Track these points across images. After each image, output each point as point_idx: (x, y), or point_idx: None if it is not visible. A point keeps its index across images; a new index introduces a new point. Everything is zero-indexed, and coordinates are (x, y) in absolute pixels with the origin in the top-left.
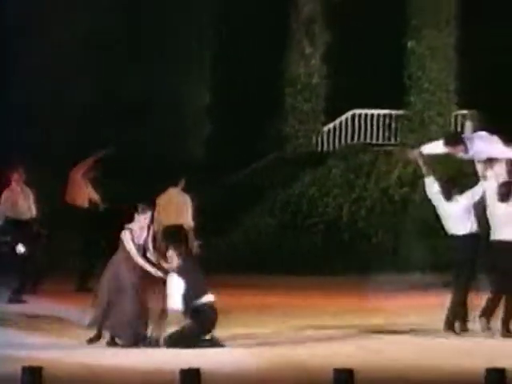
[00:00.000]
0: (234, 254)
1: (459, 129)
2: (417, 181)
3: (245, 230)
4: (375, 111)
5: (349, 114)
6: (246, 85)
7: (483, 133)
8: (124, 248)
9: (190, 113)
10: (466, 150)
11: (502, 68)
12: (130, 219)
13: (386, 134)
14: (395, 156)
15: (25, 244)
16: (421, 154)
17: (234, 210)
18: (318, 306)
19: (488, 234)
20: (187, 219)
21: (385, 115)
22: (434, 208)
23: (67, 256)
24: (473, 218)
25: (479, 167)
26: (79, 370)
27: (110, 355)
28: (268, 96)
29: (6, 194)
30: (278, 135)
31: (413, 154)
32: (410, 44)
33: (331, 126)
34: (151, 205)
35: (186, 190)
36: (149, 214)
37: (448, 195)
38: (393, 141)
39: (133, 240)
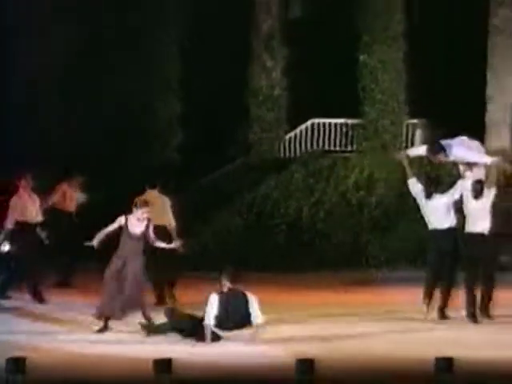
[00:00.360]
0: (204, 253)
1: (410, 137)
2: (372, 185)
3: (214, 230)
4: (333, 120)
5: (308, 122)
6: (214, 96)
7: (464, 138)
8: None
9: (162, 121)
10: (446, 155)
11: (449, 79)
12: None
13: (343, 141)
14: (352, 162)
15: (33, 246)
16: (407, 156)
17: (204, 212)
18: (285, 301)
19: (463, 228)
20: (169, 219)
21: (342, 124)
22: (387, 210)
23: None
24: (452, 214)
25: (461, 168)
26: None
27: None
28: (234, 106)
29: (15, 200)
30: (244, 142)
31: (400, 155)
32: (362, 58)
33: (292, 134)
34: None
35: (163, 192)
36: (146, 209)
37: (429, 194)
38: (349, 148)
39: (126, 226)
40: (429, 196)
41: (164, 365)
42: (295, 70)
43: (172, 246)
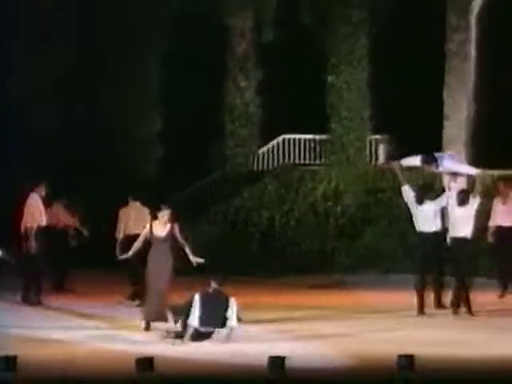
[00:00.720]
0: (184, 259)
1: (373, 151)
2: (338, 195)
3: (192, 237)
4: (302, 136)
5: (280, 138)
6: (192, 113)
7: (452, 153)
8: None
9: (143, 137)
10: (437, 166)
11: (409, 98)
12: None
13: (312, 155)
14: (320, 174)
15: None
16: (400, 166)
17: (182, 221)
18: (258, 303)
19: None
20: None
21: (310, 139)
22: (352, 219)
23: None
24: (439, 219)
25: (445, 179)
26: None
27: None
28: (211, 122)
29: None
30: (220, 156)
31: (394, 164)
32: (329, 79)
33: (265, 148)
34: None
35: (144, 203)
36: (167, 212)
37: (420, 200)
38: (317, 161)
39: (151, 231)
40: (420, 202)
41: (146, 363)
42: (267, 90)
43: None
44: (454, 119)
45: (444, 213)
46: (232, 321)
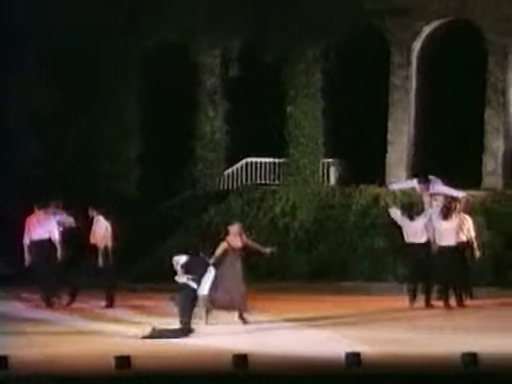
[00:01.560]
0: (159, 268)
1: (325, 173)
2: (295, 212)
3: (168, 249)
4: (263, 159)
5: (244, 161)
6: (166, 139)
7: (437, 178)
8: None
9: (124, 160)
10: (428, 189)
11: (358, 126)
12: None
13: (272, 176)
14: (279, 193)
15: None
16: (389, 189)
17: (158, 234)
18: None
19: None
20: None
21: (271, 163)
22: (308, 232)
23: None
24: (425, 231)
25: (427, 199)
26: None
27: None
28: (183, 147)
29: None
30: (191, 177)
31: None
32: (288, 109)
33: (230, 170)
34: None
35: (107, 218)
36: (238, 225)
37: (410, 216)
38: (277, 182)
39: (229, 243)
40: (412, 218)
41: (124, 361)
42: (233, 119)
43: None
44: (397, 145)
45: (429, 226)
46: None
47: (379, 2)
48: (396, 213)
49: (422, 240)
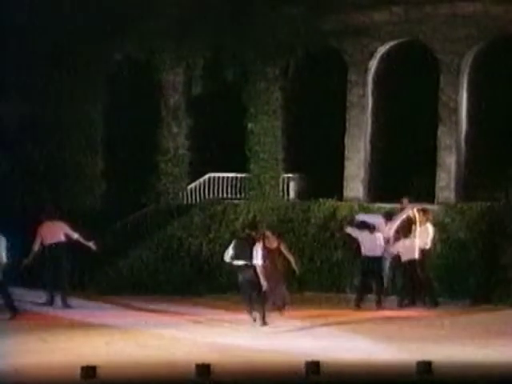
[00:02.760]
0: (121, 280)
1: (285, 187)
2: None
3: (130, 261)
4: (225, 174)
5: (206, 176)
6: (131, 154)
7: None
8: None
9: (89, 175)
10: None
11: (316, 143)
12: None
13: (234, 191)
14: (240, 207)
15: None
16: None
17: (122, 247)
18: (186, 318)
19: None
20: None
21: (232, 177)
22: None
23: None
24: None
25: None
26: None
27: None
28: (146, 162)
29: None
30: (155, 192)
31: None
32: (249, 126)
33: (193, 185)
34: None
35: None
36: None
37: (371, 231)
38: (238, 196)
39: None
40: (372, 233)
41: (89, 371)
42: (196, 135)
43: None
44: (354, 160)
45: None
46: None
47: (336, 24)
48: (354, 230)
49: (378, 253)
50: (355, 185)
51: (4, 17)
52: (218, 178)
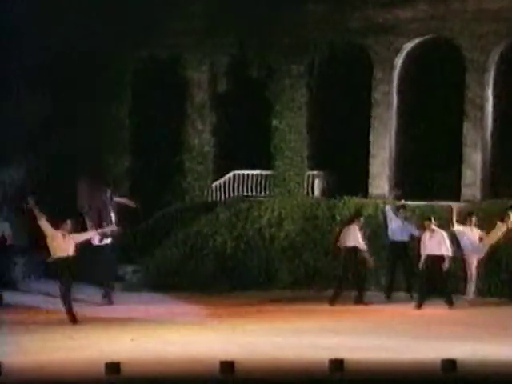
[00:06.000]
0: (146, 277)
1: (310, 184)
2: (281, 222)
3: (155, 259)
4: (250, 172)
5: (231, 173)
6: (156, 152)
7: None
8: None
9: (115, 173)
10: None
11: (341, 140)
12: None
13: (258, 188)
14: (265, 204)
15: None
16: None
17: (148, 244)
18: (211, 314)
19: None
20: None
21: (257, 175)
22: (293, 242)
23: None
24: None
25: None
26: None
27: None
28: (172, 160)
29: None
30: (180, 189)
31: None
32: (274, 123)
33: (218, 182)
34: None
35: None
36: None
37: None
38: (263, 193)
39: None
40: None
41: (114, 367)
42: (221, 132)
43: None
44: (379, 158)
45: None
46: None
47: (362, 21)
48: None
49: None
50: (380, 182)
51: (30, 16)
52: (243, 175)
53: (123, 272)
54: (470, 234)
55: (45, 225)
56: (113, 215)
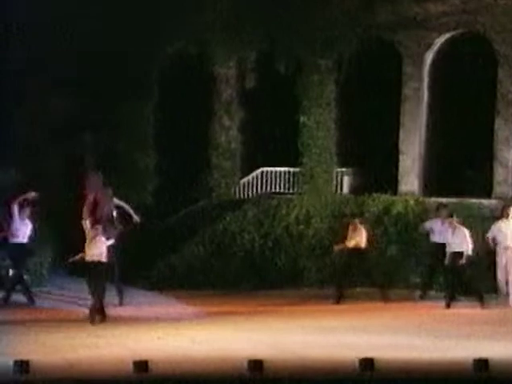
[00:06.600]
0: (173, 275)
1: (339, 182)
2: (309, 220)
3: (182, 257)
4: (278, 169)
5: (259, 171)
6: (183, 149)
7: None
8: None
9: (141, 170)
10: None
11: (370, 136)
12: None
13: (286, 185)
14: (293, 202)
15: None
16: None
17: (175, 242)
18: (239, 313)
19: None
20: None
21: (285, 172)
22: (321, 240)
23: None
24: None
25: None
26: None
27: None
28: (199, 157)
29: None
30: (207, 186)
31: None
32: (302, 119)
33: (246, 179)
34: None
35: None
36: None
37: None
38: (291, 190)
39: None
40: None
41: (142, 365)
42: (249, 129)
43: None
44: (409, 154)
45: None
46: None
47: (391, 15)
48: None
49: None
50: (410, 179)
51: (56, 13)
52: (271, 172)
53: (149, 271)
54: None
55: (86, 226)
56: (114, 214)
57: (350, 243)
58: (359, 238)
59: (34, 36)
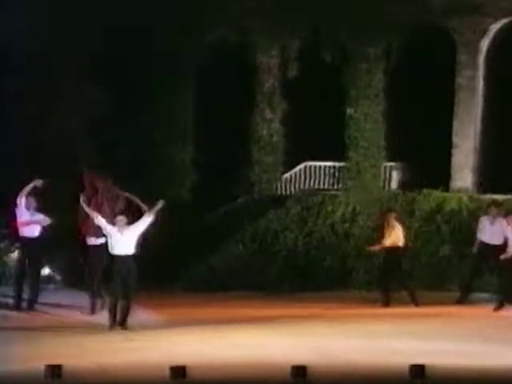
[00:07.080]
0: (213, 276)
1: (387, 177)
2: (356, 217)
3: (221, 256)
4: (322, 163)
5: (302, 165)
6: (222, 142)
7: None
8: None
9: (178, 166)
10: None
11: (421, 128)
12: None
13: (331, 181)
14: (338, 198)
15: None
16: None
17: (214, 241)
18: (280, 316)
19: None
20: None
21: (330, 166)
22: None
23: None
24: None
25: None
26: None
27: None
28: (239, 151)
29: None
30: (247, 182)
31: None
32: (348, 111)
33: (288, 174)
34: None
35: None
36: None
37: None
38: (336, 186)
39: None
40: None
41: (179, 371)
42: (291, 121)
43: None
44: (462, 148)
45: None
46: None
47: (445, 0)
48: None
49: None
50: (464, 174)
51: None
52: (315, 166)
53: (187, 271)
54: None
55: (101, 222)
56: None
57: (387, 242)
58: (395, 235)
59: (70, 25)
